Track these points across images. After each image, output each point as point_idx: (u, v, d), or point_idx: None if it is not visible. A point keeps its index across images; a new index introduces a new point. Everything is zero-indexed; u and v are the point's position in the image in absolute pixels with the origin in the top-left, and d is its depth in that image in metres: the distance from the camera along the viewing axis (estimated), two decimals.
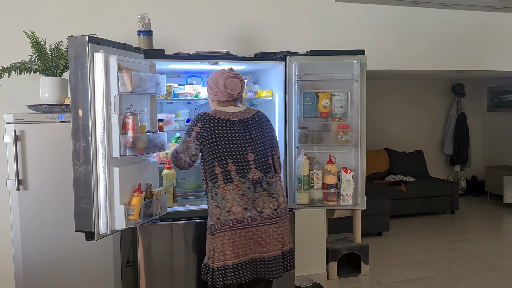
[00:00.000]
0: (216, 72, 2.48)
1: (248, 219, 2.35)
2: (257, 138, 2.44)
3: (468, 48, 4.45)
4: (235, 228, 2.33)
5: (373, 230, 5.19)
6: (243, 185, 2.35)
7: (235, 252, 2.33)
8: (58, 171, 2.60)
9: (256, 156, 2.41)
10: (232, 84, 2.41)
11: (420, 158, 6.76)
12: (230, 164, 2.35)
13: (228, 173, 2.34)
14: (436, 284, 3.86)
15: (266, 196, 2.40)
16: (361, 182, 2.83)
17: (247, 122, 2.44)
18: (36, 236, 2.61)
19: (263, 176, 2.41)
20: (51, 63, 2.74)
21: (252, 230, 2.35)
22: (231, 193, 2.34)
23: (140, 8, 3.13)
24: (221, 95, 2.44)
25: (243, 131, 2.41)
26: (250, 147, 2.40)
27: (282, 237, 2.44)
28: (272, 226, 2.39)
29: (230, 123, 2.40)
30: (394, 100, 6.99)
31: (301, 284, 3.56)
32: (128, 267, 2.85)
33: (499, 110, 7.13)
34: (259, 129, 2.47)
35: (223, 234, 2.33)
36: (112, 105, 2.18)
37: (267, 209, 2.38)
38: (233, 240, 2.33)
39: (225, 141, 2.36)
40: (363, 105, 2.79)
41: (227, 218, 2.33)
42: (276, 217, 2.41)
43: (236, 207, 2.33)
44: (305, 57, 2.82)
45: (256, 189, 2.37)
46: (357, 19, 4.00)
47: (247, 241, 2.35)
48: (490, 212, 6.37)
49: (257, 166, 2.40)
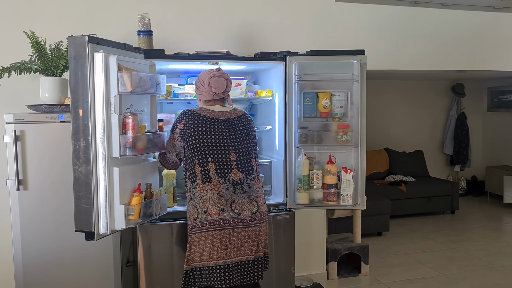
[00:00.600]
0: (204, 72, 2.48)
1: (225, 221, 2.30)
2: (241, 139, 2.42)
3: (468, 48, 4.45)
4: (212, 229, 2.29)
5: (373, 230, 5.19)
6: (221, 185, 2.31)
7: (211, 254, 2.29)
8: (58, 171, 2.60)
9: (238, 156, 2.38)
10: (216, 83, 2.40)
11: (420, 158, 6.76)
12: (210, 163, 2.32)
13: (207, 173, 2.31)
14: (436, 284, 3.86)
15: (246, 198, 2.35)
16: (361, 182, 2.83)
17: (233, 122, 2.43)
18: (36, 236, 2.61)
19: (244, 177, 2.37)
20: (51, 63, 2.74)
21: (229, 232, 2.30)
22: (208, 193, 2.30)
23: (140, 8, 3.13)
24: (206, 94, 2.43)
25: (227, 131, 2.39)
26: (233, 147, 2.38)
27: (257, 241, 2.39)
28: (250, 229, 2.34)
29: (214, 121, 2.38)
30: (394, 100, 6.99)
31: (301, 284, 3.56)
32: (128, 267, 2.85)
33: (499, 110, 7.13)
34: (244, 130, 2.45)
35: (200, 235, 2.30)
36: (112, 105, 2.18)
37: (246, 211, 2.33)
38: (209, 241, 2.29)
39: (207, 139, 2.33)
40: (363, 105, 2.79)
41: (204, 218, 2.30)
42: (255, 220, 2.36)
43: (213, 208, 2.29)
44: (305, 57, 2.82)
45: (236, 190, 2.33)
46: (357, 19, 4.00)
47: (223, 244, 2.30)
48: (490, 212, 6.37)
49: (239, 167, 2.36)
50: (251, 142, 2.46)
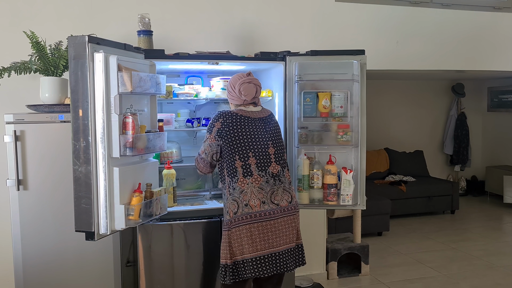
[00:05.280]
0: (235, 76, 2.55)
1: (266, 213, 2.39)
2: (275, 135, 2.53)
3: (468, 48, 4.45)
4: (253, 222, 2.37)
5: (373, 230, 5.19)
6: (261, 178, 2.41)
7: (253, 246, 2.37)
8: (58, 171, 2.60)
9: (276, 150, 2.50)
10: (246, 90, 2.48)
11: (420, 158, 6.76)
12: (251, 158, 2.41)
13: (249, 167, 2.40)
14: (436, 284, 3.86)
15: (282, 189, 2.47)
16: (361, 182, 2.83)
17: (265, 119, 2.53)
18: (36, 236, 2.61)
19: (281, 170, 2.49)
20: (51, 63, 2.74)
21: (270, 223, 2.40)
22: (249, 186, 2.39)
23: (140, 8, 3.13)
24: (237, 99, 2.52)
25: (263, 127, 2.50)
26: (271, 141, 2.49)
27: (297, 229, 2.51)
28: (289, 218, 2.46)
29: (250, 119, 2.48)
30: (394, 100, 6.99)
31: (301, 284, 3.56)
32: (128, 267, 2.84)
33: (499, 110, 7.13)
34: (274, 127, 2.56)
35: (241, 228, 2.37)
36: (112, 105, 2.18)
37: (283, 202, 2.45)
38: (251, 234, 2.36)
39: (247, 135, 2.43)
40: (363, 105, 2.80)
41: (245, 212, 2.37)
42: (292, 209, 2.48)
43: (254, 201, 2.38)
44: (305, 57, 2.82)
45: (275, 182, 2.45)
46: (357, 19, 4.00)
47: (265, 235, 2.38)
48: (490, 212, 6.37)
49: (277, 160, 2.48)
50: (281, 138, 2.59)
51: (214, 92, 3.09)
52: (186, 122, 3.12)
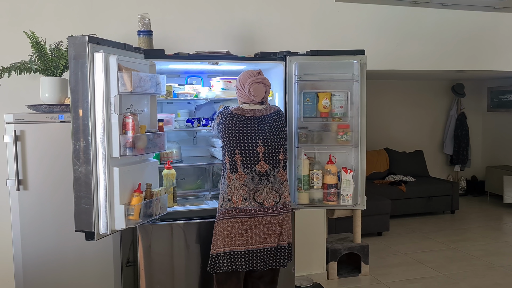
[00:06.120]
0: (244, 74, 2.55)
1: (247, 209, 2.44)
2: (271, 134, 2.52)
3: (468, 48, 4.45)
4: (234, 217, 2.43)
5: (373, 230, 5.19)
6: (246, 176, 2.45)
7: (232, 240, 2.43)
8: (58, 171, 2.60)
9: (266, 149, 2.49)
10: (256, 90, 2.49)
11: (420, 158, 6.76)
12: (237, 155, 2.46)
13: (235, 163, 2.46)
14: (436, 284, 3.86)
15: (270, 189, 2.48)
16: (361, 182, 2.83)
17: (263, 118, 2.54)
18: (36, 236, 2.61)
19: (271, 169, 2.49)
20: (51, 63, 2.74)
21: (250, 221, 2.44)
22: (234, 182, 2.45)
23: (140, 8, 3.13)
24: (245, 98, 2.55)
25: (255, 126, 2.50)
26: (261, 140, 2.49)
27: (281, 230, 2.50)
28: (273, 218, 2.47)
29: (245, 118, 2.51)
30: (394, 100, 6.99)
31: (301, 284, 3.56)
32: (128, 267, 2.84)
33: (499, 110, 7.13)
34: (274, 126, 2.54)
35: (223, 222, 2.44)
36: (112, 105, 2.18)
37: (269, 201, 2.47)
38: (231, 228, 2.43)
39: (235, 133, 2.47)
40: (363, 105, 2.79)
41: (227, 206, 2.44)
42: (277, 209, 2.48)
43: (236, 196, 2.43)
44: (305, 57, 2.82)
45: (261, 181, 2.47)
46: (357, 19, 4.00)
47: (244, 231, 2.43)
48: (490, 212, 6.37)
49: (266, 160, 2.49)
50: (280, 137, 2.56)
51: (214, 92, 3.09)
52: (186, 122, 3.12)
